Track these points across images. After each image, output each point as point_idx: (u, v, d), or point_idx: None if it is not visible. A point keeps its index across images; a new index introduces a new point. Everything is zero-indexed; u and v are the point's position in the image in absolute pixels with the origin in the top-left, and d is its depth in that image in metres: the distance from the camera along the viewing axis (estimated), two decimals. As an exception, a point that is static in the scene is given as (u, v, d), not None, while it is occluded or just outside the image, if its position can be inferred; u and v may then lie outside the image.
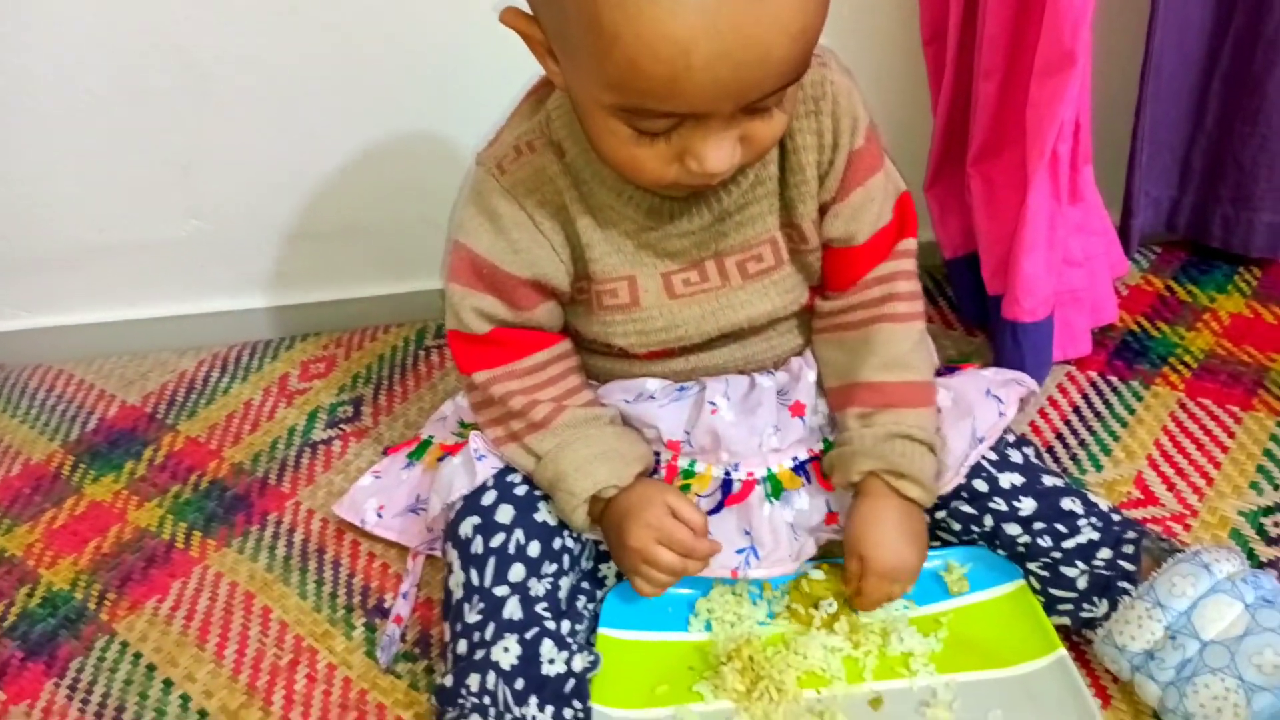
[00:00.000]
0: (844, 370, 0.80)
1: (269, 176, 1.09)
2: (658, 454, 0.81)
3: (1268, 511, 0.86)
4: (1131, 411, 0.96)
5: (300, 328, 1.19)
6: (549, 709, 0.71)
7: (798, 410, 0.81)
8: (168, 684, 0.83)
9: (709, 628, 0.79)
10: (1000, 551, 0.78)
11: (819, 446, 0.82)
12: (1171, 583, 0.70)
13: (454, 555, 0.77)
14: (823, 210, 0.77)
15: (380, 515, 0.90)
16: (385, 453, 0.95)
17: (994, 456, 0.79)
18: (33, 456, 1.06)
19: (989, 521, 0.78)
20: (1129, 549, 0.74)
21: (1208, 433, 0.93)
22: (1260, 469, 0.89)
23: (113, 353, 1.18)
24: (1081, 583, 0.74)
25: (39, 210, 1.10)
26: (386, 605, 0.87)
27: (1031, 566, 0.77)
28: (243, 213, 1.11)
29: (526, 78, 0.78)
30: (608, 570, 0.83)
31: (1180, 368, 1.00)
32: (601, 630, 0.78)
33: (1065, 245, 0.96)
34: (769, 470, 0.80)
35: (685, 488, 0.80)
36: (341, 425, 1.06)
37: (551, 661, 0.72)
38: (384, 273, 1.17)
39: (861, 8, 1.03)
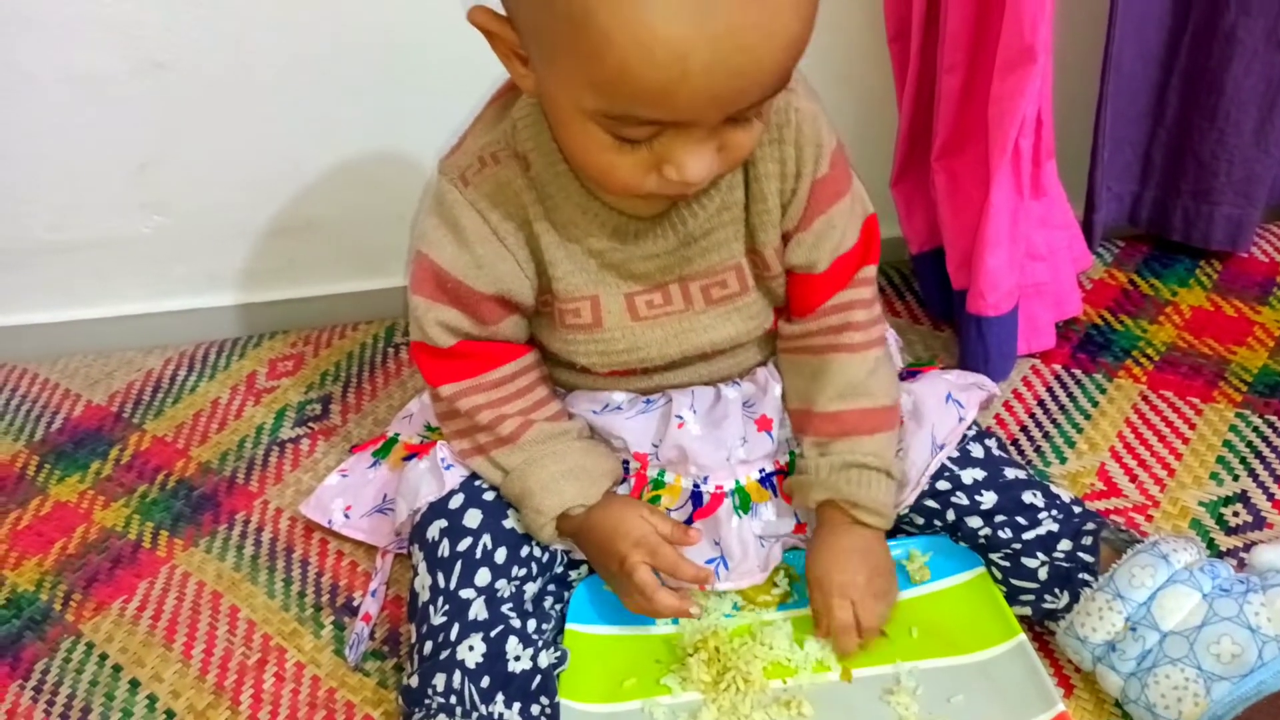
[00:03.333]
0: (802, 396, 0.80)
1: (232, 172, 1.08)
2: (626, 464, 0.81)
3: (1227, 501, 0.87)
4: (1095, 404, 0.97)
5: (268, 325, 1.18)
6: (515, 705, 0.71)
7: (764, 425, 0.81)
8: (134, 684, 0.83)
9: (675, 620, 0.79)
10: (962, 544, 0.79)
11: (785, 459, 0.82)
12: (1131, 574, 0.71)
13: (419, 557, 0.77)
14: (785, 238, 0.77)
15: (348, 516, 0.90)
16: (351, 451, 0.95)
17: (955, 453, 0.80)
18: (-3, 457, 1.06)
19: (951, 515, 0.78)
20: (1088, 540, 0.75)
21: (1169, 424, 0.94)
22: (1220, 460, 0.91)
23: (78, 351, 1.17)
24: (1042, 574, 0.75)
25: (3, 208, 1.09)
26: (355, 603, 0.87)
27: (993, 557, 0.78)
28: (207, 209, 1.11)
29: (491, 72, 0.77)
30: (577, 575, 0.83)
31: (1143, 360, 1.01)
32: (569, 626, 0.78)
33: (1028, 239, 0.97)
34: (737, 482, 0.80)
35: (656, 498, 0.80)
36: (310, 423, 1.06)
37: (517, 659, 0.72)
38: (352, 269, 1.17)
39: (826, 5, 1.03)
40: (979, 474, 0.79)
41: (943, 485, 0.79)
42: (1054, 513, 0.77)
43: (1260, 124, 1.03)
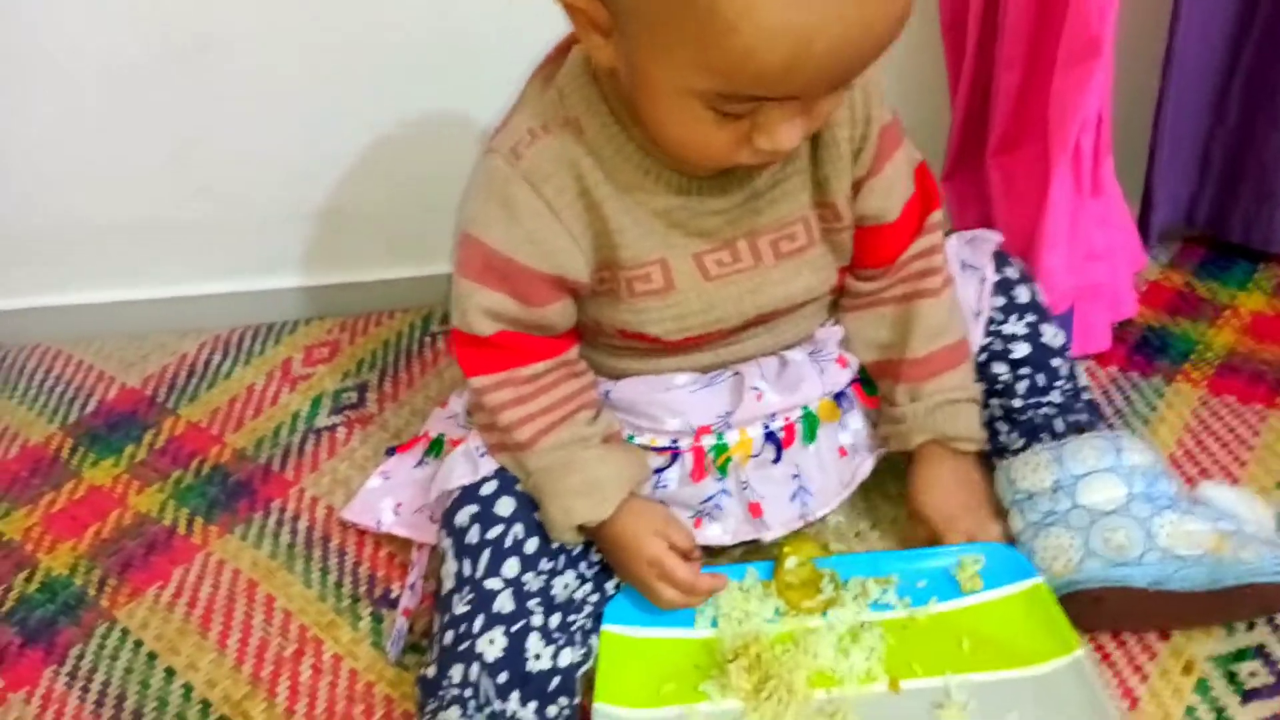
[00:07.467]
0: (885, 347, 0.83)
1: (272, 158, 1.07)
2: (676, 442, 0.80)
3: (1294, 513, 0.84)
4: (1153, 409, 0.95)
5: (304, 311, 1.17)
6: (531, 705, 0.70)
7: (843, 362, 0.83)
8: (170, 673, 0.82)
9: (715, 623, 0.77)
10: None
11: (856, 371, 0.84)
12: (1081, 449, 0.78)
13: (448, 544, 0.76)
14: (855, 187, 0.77)
15: (398, 513, 0.87)
16: (393, 451, 0.92)
17: (1001, 300, 0.86)
18: (31, 438, 1.05)
19: (983, 357, 0.85)
20: (1073, 419, 0.82)
21: (1232, 431, 0.92)
22: (1286, 470, 0.88)
23: (112, 334, 1.17)
24: (1019, 417, 0.83)
25: (41, 189, 1.09)
26: (393, 595, 0.86)
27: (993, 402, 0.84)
28: (246, 194, 1.10)
29: (533, 56, 0.76)
30: (616, 583, 0.80)
31: (1202, 364, 0.98)
32: (606, 627, 0.76)
33: (1087, 239, 0.94)
34: (804, 409, 0.81)
35: (725, 464, 0.79)
36: (346, 411, 1.05)
37: (537, 657, 0.71)
38: (390, 256, 1.16)
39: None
40: (1020, 328, 0.85)
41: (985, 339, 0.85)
42: (1065, 386, 0.84)
43: (1326, 126, 0.99)
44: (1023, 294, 0.86)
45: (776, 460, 0.81)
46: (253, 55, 1.01)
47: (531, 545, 0.74)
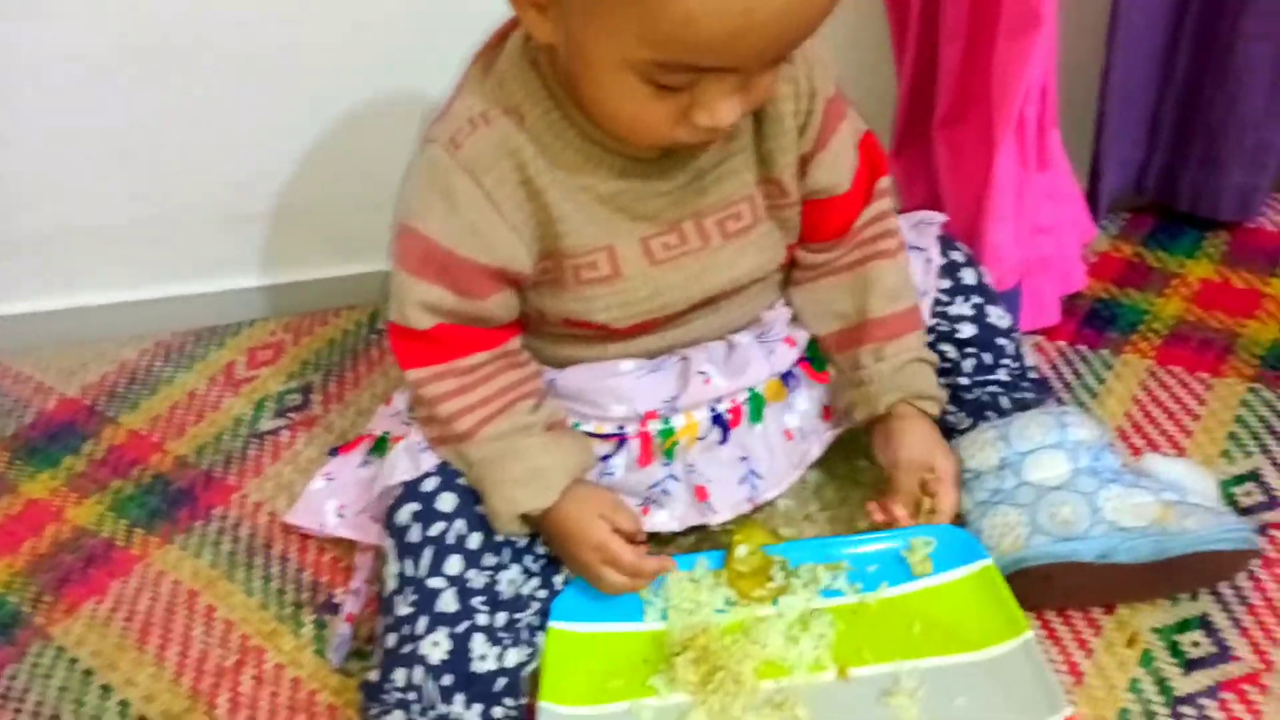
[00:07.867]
0: (844, 315, 0.82)
1: (210, 159, 1.05)
2: (622, 428, 0.79)
3: (1239, 480, 0.84)
4: (1101, 381, 0.94)
5: (247, 313, 1.15)
6: (477, 707, 0.69)
7: (791, 342, 0.82)
8: (106, 690, 0.80)
9: (664, 616, 0.76)
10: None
11: (803, 350, 0.84)
12: (1027, 426, 0.78)
13: (390, 544, 0.74)
14: (802, 163, 0.76)
15: (341, 515, 0.85)
16: (335, 452, 0.90)
17: (947, 283, 0.85)
18: (-32, 455, 1.02)
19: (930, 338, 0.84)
20: (1019, 396, 0.82)
21: (1179, 401, 0.91)
22: (1231, 436, 0.87)
23: (52, 343, 1.14)
24: (966, 396, 0.83)
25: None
26: (336, 601, 0.84)
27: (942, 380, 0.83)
28: (185, 196, 1.07)
29: (473, 50, 0.74)
30: (563, 577, 0.79)
31: (1150, 335, 0.98)
32: (552, 624, 0.75)
33: (1034, 212, 0.93)
34: (751, 390, 0.80)
35: (672, 448, 0.79)
36: (290, 414, 1.02)
37: (483, 658, 0.70)
38: (332, 254, 1.13)
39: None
40: (966, 309, 0.85)
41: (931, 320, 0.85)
42: (1012, 365, 0.84)
43: (1272, 89, 0.99)
44: (969, 276, 0.86)
45: (723, 442, 0.80)
46: (188, 60, 0.99)
47: (474, 541, 0.73)
